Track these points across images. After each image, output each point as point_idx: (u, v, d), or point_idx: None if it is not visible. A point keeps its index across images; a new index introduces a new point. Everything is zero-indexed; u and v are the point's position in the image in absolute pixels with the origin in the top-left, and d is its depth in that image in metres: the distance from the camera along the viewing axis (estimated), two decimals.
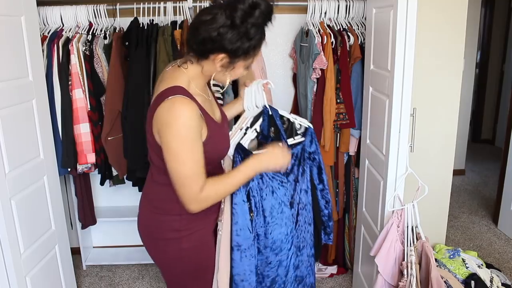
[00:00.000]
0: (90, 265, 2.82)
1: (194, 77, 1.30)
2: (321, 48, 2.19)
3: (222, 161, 1.50)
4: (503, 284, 2.03)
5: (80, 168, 2.30)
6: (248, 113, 1.55)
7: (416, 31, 1.68)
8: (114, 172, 2.40)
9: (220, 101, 2.09)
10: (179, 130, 1.17)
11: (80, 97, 2.21)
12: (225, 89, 1.66)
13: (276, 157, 1.36)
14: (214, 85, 1.95)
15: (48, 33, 2.26)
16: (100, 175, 2.42)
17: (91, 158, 2.27)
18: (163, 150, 1.21)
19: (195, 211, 1.26)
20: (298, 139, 1.56)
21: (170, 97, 1.18)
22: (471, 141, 5.24)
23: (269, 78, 2.32)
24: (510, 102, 3.23)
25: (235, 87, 2.23)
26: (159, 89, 1.26)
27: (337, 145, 2.37)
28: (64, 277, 2.15)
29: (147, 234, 1.52)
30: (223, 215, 1.45)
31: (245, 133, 1.47)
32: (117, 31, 2.34)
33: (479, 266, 2.01)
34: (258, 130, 1.49)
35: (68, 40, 2.22)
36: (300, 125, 1.59)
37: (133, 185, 2.47)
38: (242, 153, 1.40)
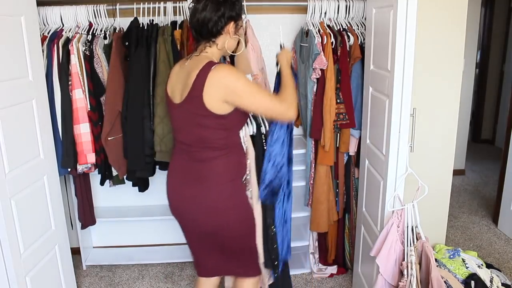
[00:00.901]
0: (90, 265, 2.82)
1: (214, 55, 1.56)
2: (321, 48, 2.19)
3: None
4: (503, 284, 2.03)
5: (80, 168, 2.30)
6: None
7: (416, 31, 1.68)
8: (114, 172, 2.40)
9: None
10: (243, 77, 1.48)
11: (80, 97, 2.21)
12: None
13: (287, 55, 1.75)
14: None
15: (48, 33, 2.26)
16: (100, 175, 2.42)
17: (91, 158, 2.27)
18: (244, 100, 1.47)
19: (295, 115, 1.58)
20: None
21: (214, 66, 1.45)
22: (471, 141, 5.24)
23: (269, 79, 2.32)
24: (510, 102, 3.23)
25: None
26: (191, 77, 1.47)
27: (337, 145, 2.37)
28: (64, 277, 2.15)
29: (230, 207, 1.62)
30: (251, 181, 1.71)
31: None
32: (117, 31, 2.34)
33: (479, 266, 2.01)
34: None
35: (68, 40, 2.22)
36: None
37: (133, 185, 2.47)
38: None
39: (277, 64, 1.78)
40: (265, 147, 1.78)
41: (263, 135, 1.81)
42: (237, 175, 1.63)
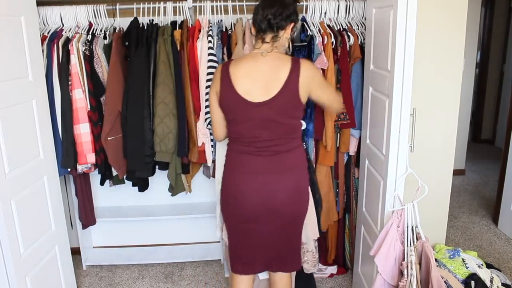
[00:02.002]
0: (90, 265, 2.82)
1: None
2: (322, 48, 2.19)
3: None
4: (503, 284, 2.02)
5: (80, 168, 2.30)
6: None
7: (416, 31, 1.68)
8: (114, 172, 2.39)
9: None
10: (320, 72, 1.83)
11: (80, 97, 2.21)
12: None
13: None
14: None
15: (48, 33, 2.26)
16: (100, 175, 2.42)
17: (91, 158, 2.27)
18: (322, 90, 1.70)
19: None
20: None
21: (301, 60, 1.63)
22: (471, 141, 5.24)
23: None
24: (510, 102, 3.23)
25: None
26: (281, 72, 1.60)
27: (337, 145, 2.37)
28: (64, 277, 2.15)
29: (307, 192, 1.81)
30: None
31: None
32: (117, 31, 2.34)
33: (479, 266, 2.01)
34: None
35: (68, 40, 2.22)
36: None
37: (133, 185, 2.47)
38: None
39: None
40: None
41: None
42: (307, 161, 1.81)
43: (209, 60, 2.17)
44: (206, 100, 2.18)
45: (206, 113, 2.21)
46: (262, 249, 1.80)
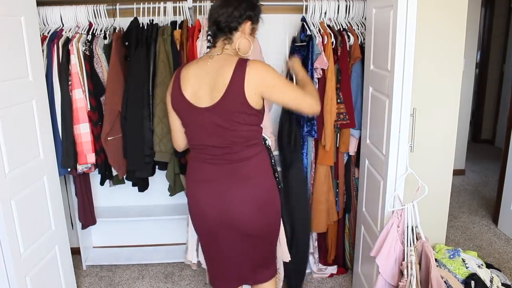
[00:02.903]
0: (90, 265, 2.82)
1: (234, 53, 1.59)
2: (322, 48, 2.19)
3: None
4: (503, 284, 2.02)
5: (80, 168, 2.30)
6: None
7: (416, 31, 1.68)
8: (114, 172, 2.39)
9: None
10: (276, 71, 1.53)
11: (80, 97, 2.21)
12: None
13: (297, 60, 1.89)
14: None
15: (48, 33, 2.26)
16: (100, 175, 2.42)
17: (91, 158, 2.27)
18: (280, 92, 1.52)
19: (319, 109, 1.65)
20: None
21: (249, 61, 1.49)
22: (471, 141, 5.25)
23: None
24: (510, 102, 3.23)
25: None
26: (225, 74, 1.47)
27: (337, 145, 2.37)
28: (64, 277, 2.15)
29: (273, 202, 1.66)
30: None
31: None
32: (117, 31, 2.34)
33: (479, 266, 2.01)
34: None
35: (68, 40, 2.22)
36: None
37: (133, 185, 2.47)
38: None
39: (287, 72, 1.87)
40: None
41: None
42: (272, 170, 1.67)
43: None
44: None
45: None
46: (230, 264, 1.70)
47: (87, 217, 2.62)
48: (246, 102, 1.47)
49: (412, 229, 1.80)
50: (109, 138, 2.24)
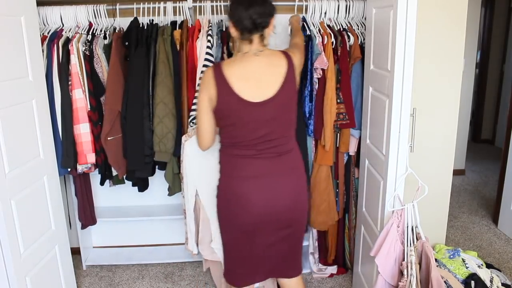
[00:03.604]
0: (90, 265, 2.82)
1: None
2: (322, 48, 2.19)
3: None
4: (503, 284, 2.02)
5: (80, 168, 2.30)
6: None
7: (416, 31, 1.68)
8: (114, 172, 2.39)
9: None
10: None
11: (80, 97, 2.21)
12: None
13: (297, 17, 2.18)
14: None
15: (48, 33, 2.26)
16: (100, 175, 2.42)
17: (91, 158, 2.27)
18: (301, 54, 1.77)
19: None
20: None
21: (288, 51, 1.68)
22: (471, 141, 5.24)
23: None
24: (510, 102, 3.23)
25: None
26: (279, 68, 1.60)
27: (337, 145, 2.37)
28: (64, 277, 2.15)
29: (306, 193, 1.75)
30: None
31: None
32: (117, 31, 2.34)
33: (479, 266, 2.01)
34: None
35: (68, 40, 2.22)
36: None
37: (133, 185, 2.47)
38: None
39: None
40: None
41: None
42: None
43: (205, 59, 2.17)
44: (196, 97, 2.14)
45: (191, 110, 2.18)
46: (265, 257, 1.74)
47: (87, 217, 2.62)
48: (296, 88, 1.65)
49: (412, 229, 1.80)
50: (109, 138, 2.24)
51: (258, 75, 1.59)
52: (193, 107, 2.17)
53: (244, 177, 1.64)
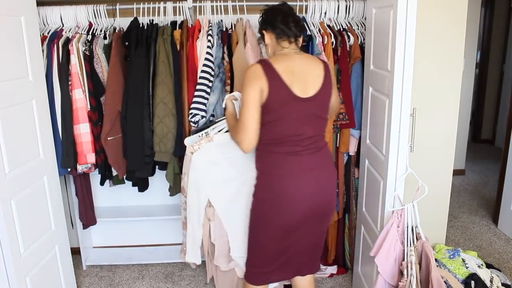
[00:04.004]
0: (90, 265, 2.82)
1: None
2: (322, 48, 2.19)
3: None
4: (503, 284, 2.02)
5: (80, 168, 2.30)
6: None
7: (416, 31, 1.68)
8: (114, 172, 2.39)
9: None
10: None
11: (80, 97, 2.21)
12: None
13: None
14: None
15: (48, 33, 2.26)
16: (100, 175, 2.42)
17: (91, 158, 2.27)
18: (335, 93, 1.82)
19: None
20: None
21: (326, 62, 1.78)
22: (471, 141, 5.24)
23: None
24: (510, 102, 3.23)
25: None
26: (318, 70, 1.68)
27: (337, 145, 2.37)
28: (64, 277, 2.15)
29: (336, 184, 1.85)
30: None
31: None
32: (117, 31, 2.34)
33: (479, 266, 2.01)
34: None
35: (68, 40, 2.22)
36: None
37: (133, 185, 2.47)
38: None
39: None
40: None
41: None
42: None
43: (205, 59, 2.17)
44: (195, 96, 2.16)
45: (191, 108, 2.18)
46: (295, 253, 1.80)
47: (88, 217, 2.62)
48: (331, 91, 1.71)
49: (412, 229, 1.80)
50: (109, 138, 2.24)
51: (303, 72, 1.64)
52: (194, 105, 2.16)
53: (292, 173, 1.66)
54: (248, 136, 1.62)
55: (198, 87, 2.16)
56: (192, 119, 2.17)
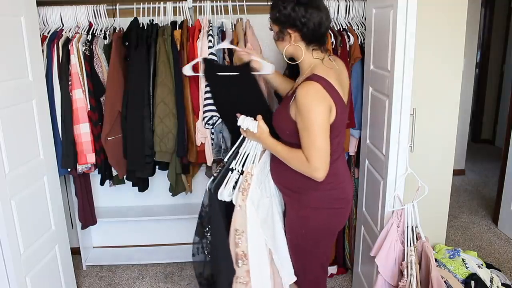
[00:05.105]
0: (90, 265, 2.82)
1: None
2: None
3: None
4: (503, 284, 2.03)
5: (80, 168, 2.30)
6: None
7: (416, 31, 1.68)
8: (114, 172, 2.39)
9: None
10: None
11: (80, 97, 2.20)
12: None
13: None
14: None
15: (48, 33, 2.26)
16: (100, 175, 2.42)
17: (91, 158, 2.27)
18: None
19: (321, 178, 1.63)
20: None
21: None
22: (471, 141, 5.24)
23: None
24: (510, 102, 3.23)
25: None
26: (346, 78, 1.68)
27: None
28: (64, 277, 2.15)
29: None
30: None
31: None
32: (117, 31, 2.34)
33: (479, 266, 2.01)
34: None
35: (68, 40, 2.21)
36: None
37: (133, 185, 2.47)
38: None
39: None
40: None
41: None
42: None
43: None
44: (206, 99, 2.13)
45: (205, 111, 2.18)
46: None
47: (87, 217, 2.62)
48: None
49: (412, 229, 1.80)
50: (109, 138, 2.24)
51: (341, 82, 1.58)
52: (207, 107, 2.10)
53: (347, 180, 1.73)
54: (326, 162, 1.49)
55: (206, 88, 2.15)
56: (210, 122, 2.13)
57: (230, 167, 1.68)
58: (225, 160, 1.75)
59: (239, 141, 1.74)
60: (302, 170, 1.53)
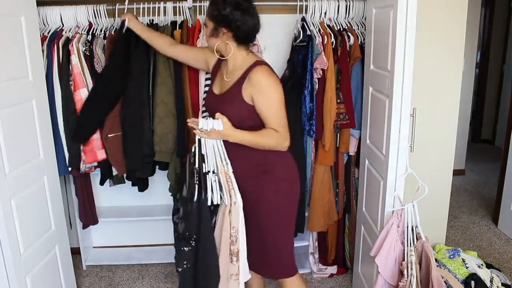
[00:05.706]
0: (90, 265, 2.82)
1: None
2: (321, 48, 2.19)
3: None
4: (503, 284, 2.03)
5: (82, 167, 2.29)
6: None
7: (416, 31, 1.68)
8: (114, 172, 2.39)
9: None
10: None
11: (85, 96, 2.20)
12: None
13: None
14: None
15: (48, 33, 2.26)
16: (100, 174, 2.42)
17: (101, 154, 2.26)
18: None
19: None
20: None
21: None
22: (471, 141, 5.25)
23: None
24: (510, 102, 3.23)
25: None
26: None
27: (337, 145, 2.37)
28: (64, 277, 2.15)
29: None
30: None
31: None
32: (113, 32, 2.33)
33: (479, 266, 2.01)
34: None
35: (68, 40, 2.21)
36: None
37: (133, 184, 2.46)
38: None
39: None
40: None
41: None
42: None
43: None
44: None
45: (204, 111, 2.18)
46: None
47: (88, 217, 2.62)
48: None
49: (412, 229, 1.80)
50: (109, 135, 2.24)
51: None
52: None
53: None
54: (288, 131, 1.71)
55: (206, 88, 2.14)
56: None
57: (204, 171, 1.69)
58: (196, 166, 1.71)
59: (196, 144, 1.70)
60: (273, 145, 1.68)
